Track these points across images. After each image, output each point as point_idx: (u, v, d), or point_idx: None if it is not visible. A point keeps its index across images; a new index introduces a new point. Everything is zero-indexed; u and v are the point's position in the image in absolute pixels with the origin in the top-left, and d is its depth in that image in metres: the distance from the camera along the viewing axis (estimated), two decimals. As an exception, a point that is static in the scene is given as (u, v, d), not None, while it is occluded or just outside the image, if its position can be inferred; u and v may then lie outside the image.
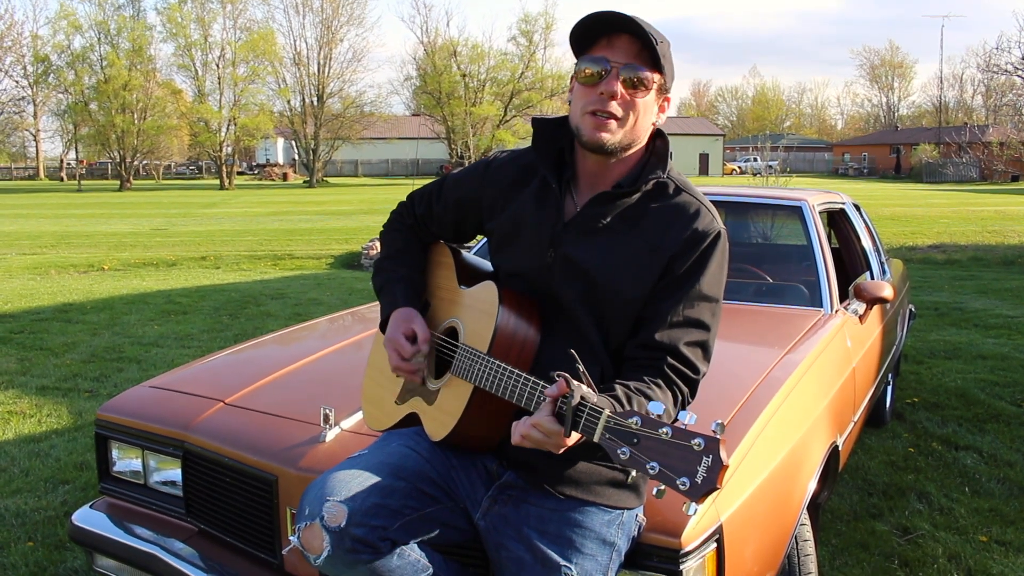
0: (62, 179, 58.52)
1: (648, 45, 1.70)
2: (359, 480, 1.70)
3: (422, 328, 1.89)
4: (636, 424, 1.37)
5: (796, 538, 2.36)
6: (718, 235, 1.78)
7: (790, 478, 2.33)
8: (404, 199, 2.16)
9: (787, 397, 2.50)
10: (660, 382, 1.68)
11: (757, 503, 2.07)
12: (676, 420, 1.44)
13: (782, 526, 2.23)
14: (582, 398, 1.45)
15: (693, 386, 1.74)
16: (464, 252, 2.10)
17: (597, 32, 1.74)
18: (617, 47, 1.71)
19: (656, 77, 1.74)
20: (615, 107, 1.71)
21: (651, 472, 1.34)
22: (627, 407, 1.55)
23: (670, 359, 1.70)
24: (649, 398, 1.60)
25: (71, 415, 5.11)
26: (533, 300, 1.82)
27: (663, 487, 1.34)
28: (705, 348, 1.76)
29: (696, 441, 1.32)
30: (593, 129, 1.73)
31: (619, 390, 1.58)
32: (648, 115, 1.77)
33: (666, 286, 1.75)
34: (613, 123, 1.72)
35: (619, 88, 1.70)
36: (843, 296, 3.71)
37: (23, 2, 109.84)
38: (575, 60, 1.78)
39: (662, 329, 1.71)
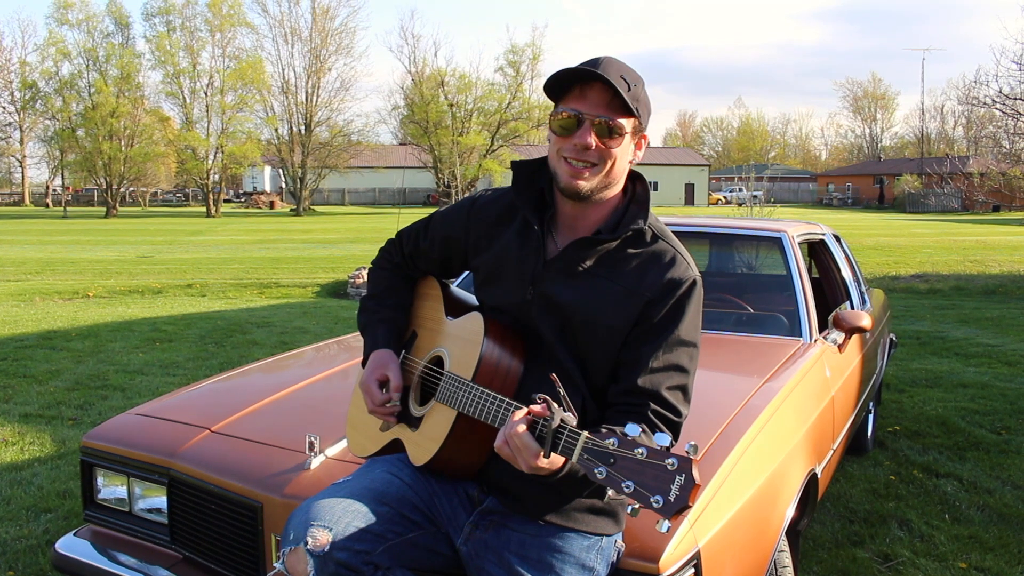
0: (47, 205, 58.37)
1: (619, 93, 1.72)
2: (343, 505, 1.74)
3: (395, 376, 1.94)
4: (613, 445, 1.42)
5: (775, 564, 2.40)
6: (693, 283, 1.82)
7: (768, 505, 2.36)
8: (393, 236, 2.21)
9: (765, 425, 2.55)
10: (644, 427, 1.71)
11: (735, 529, 2.10)
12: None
13: (760, 552, 2.26)
14: (562, 420, 1.50)
15: (676, 429, 1.78)
16: (452, 286, 2.15)
17: (570, 82, 1.77)
18: (589, 97, 1.74)
19: (629, 122, 1.77)
20: (590, 156, 1.76)
21: (626, 490, 1.38)
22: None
23: (653, 404, 1.74)
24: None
25: (54, 443, 5.09)
26: (518, 332, 1.87)
27: (638, 505, 1.38)
28: (685, 392, 1.80)
29: (670, 461, 1.37)
30: (569, 177, 1.78)
31: (603, 430, 1.62)
32: (624, 158, 1.81)
33: (645, 332, 1.79)
34: (587, 171, 1.77)
35: (592, 139, 1.74)
36: (823, 326, 3.77)
37: (11, 29, 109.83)
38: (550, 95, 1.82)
39: (644, 374, 1.75)
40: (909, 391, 6.59)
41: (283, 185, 59.45)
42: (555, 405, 1.52)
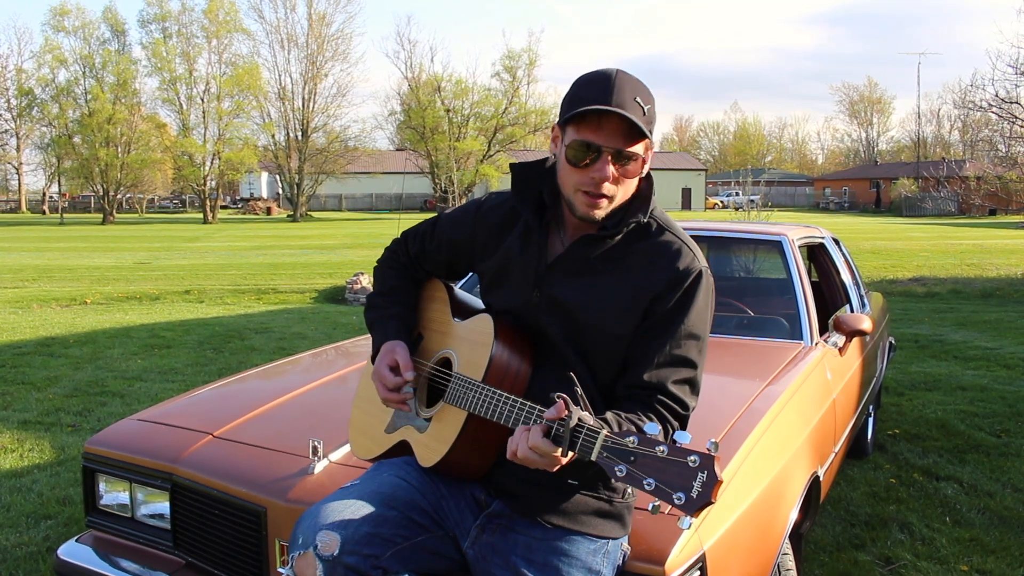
0: (44, 212, 58.30)
1: (636, 123, 1.70)
2: (351, 509, 1.74)
3: (404, 357, 1.93)
4: (633, 443, 1.42)
5: (779, 567, 2.39)
6: (700, 273, 1.81)
7: (772, 507, 2.36)
8: (399, 236, 2.20)
9: (768, 428, 2.55)
10: (652, 415, 1.72)
11: (740, 532, 2.10)
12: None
13: (764, 555, 2.26)
14: (579, 420, 1.49)
15: (683, 422, 1.78)
16: (457, 288, 2.15)
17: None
18: (606, 128, 1.71)
19: (644, 143, 1.76)
20: (608, 187, 1.75)
21: (647, 488, 1.38)
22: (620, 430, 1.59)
23: (660, 396, 1.74)
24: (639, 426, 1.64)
25: (54, 449, 5.08)
26: (526, 334, 1.87)
27: (659, 503, 1.38)
28: (693, 384, 1.79)
29: (692, 458, 1.37)
30: (587, 207, 1.77)
31: (611, 417, 1.63)
32: (638, 175, 1.81)
33: (652, 326, 1.78)
34: (605, 201, 1.77)
35: (611, 170, 1.73)
36: (823, 329, 3.77)
37: (7, 36, 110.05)
38: (562, 115, 1.78)
39: (650, 369, 1.75)
40: (908, 394, 6.60)
41: (280, 191, 59.45)
42: (572, 404, 1.52)
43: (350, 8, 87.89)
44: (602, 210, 1.77)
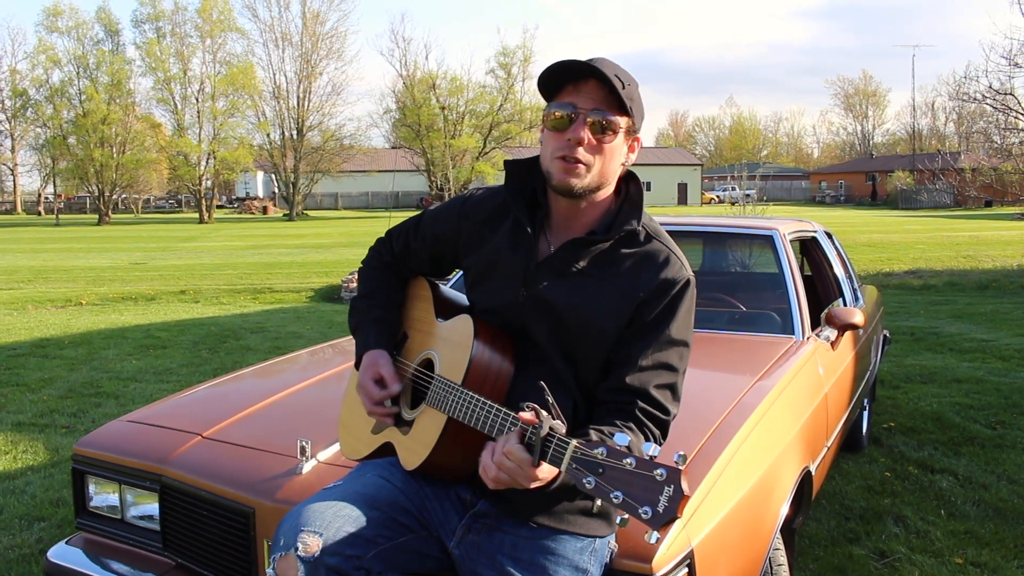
0: (40, 213, 58.22)
1: (614, 90, 1.72)
2: (333, 510, 1.73)
3: (389, 372, 1.93)
4: (602, 454, 1.41)
5: (770, 562, 2.39)
6: (687, 283, 1.82)
7: (762, 503, 2.36)
8: (383, 235, 2.19)
9: (759, 423, 2.54)
10: (632, 425, 1.71)
11: (729, 527, 2.10)
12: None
13: (755, 550, 2.25)
14: (551, 428, 1.48)
15: (664, 427, 1.78)
16: (442, 286, 2.14)
17: (564, 79, 1.76)
18: (584, 92, 1.74)
19: (623, 120, 1.77)
20: (583, 153, 1.74)
21: (615, 501, 1.37)
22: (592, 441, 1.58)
23: (640, 402, 1.73)
24: None
25: (47, 451, 5.07)
26: (507, 335, 1.86)
27: (626, 516, 1.37)
28: (674, 390, 1.79)
29: (659, 472, 1.36)
30: (563, 173, 1.76)
31: (592, 434, 1.62)
32: (617, 158, 1.80)
33: (636, 331, 1.78)
34: (582, 168, 1.76)
35: (586, 134, 1.73)
36: (815, 323, 3.77)
37: (1, 37, 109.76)
38: (541, 92, 1.81)
39: (632, 373, 1.75)
40: (904, 387, 6.60)
41: (276, 190, 59.33)
42: (544, 413, 1.51)
43: (344, 6, 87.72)
44: (579, 179, 1.76)
